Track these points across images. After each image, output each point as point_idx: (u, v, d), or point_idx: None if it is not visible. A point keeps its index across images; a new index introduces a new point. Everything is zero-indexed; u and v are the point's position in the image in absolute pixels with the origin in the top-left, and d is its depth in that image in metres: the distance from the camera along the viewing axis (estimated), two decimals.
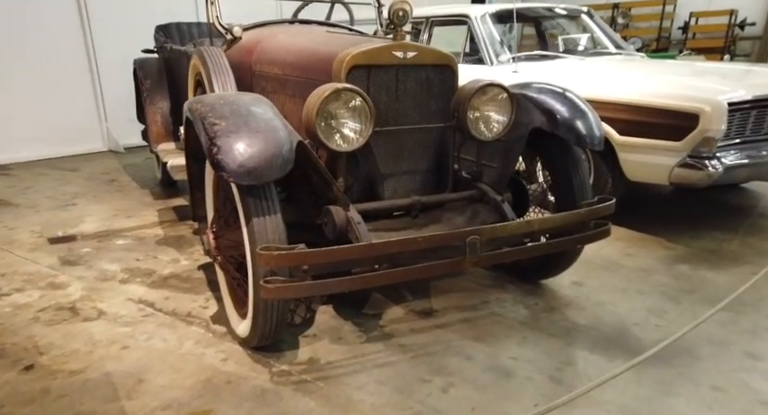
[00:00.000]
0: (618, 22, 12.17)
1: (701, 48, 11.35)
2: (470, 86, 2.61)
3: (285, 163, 2.09)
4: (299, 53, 2.91)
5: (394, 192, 2.73)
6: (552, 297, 3.03)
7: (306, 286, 2.06)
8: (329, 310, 2.85)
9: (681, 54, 9.99)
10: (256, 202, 2.12)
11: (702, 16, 11.92)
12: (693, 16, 11.98)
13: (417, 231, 2.62)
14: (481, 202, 2.79)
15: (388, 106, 2.62)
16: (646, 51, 10.92)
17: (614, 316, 2.82)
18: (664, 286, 3.13)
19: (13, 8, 5.98)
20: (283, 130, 2.16)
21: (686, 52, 10.24)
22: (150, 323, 2.70)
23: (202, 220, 2.89)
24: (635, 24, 12.76)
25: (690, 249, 3.66)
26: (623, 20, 12.01)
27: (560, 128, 2.70)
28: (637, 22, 12.74)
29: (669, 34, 12.61)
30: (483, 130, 2.69)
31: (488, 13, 5.02)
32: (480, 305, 2.93)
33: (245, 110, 2.17)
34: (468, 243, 2.26)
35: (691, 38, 12.21)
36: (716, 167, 3.35)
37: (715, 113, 3.28)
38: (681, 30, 12.31)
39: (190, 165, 2.80)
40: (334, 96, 2.30)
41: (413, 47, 2.59)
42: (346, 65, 2.47)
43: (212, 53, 3.12)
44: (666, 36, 12.62)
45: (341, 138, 2.37)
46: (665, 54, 10.49)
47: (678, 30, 12.43)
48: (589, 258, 3.51)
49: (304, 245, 2.06)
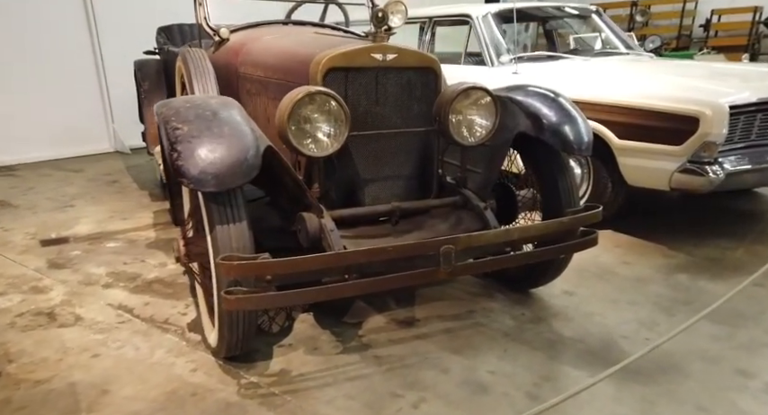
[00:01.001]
0: (636, 20, 11.93)
1: (723, 47, 11.06)
2: (452, 89, 2.53)
3: (250, 168, 2.03)
4: (280, 55, 2.85)
5: (375, 198, 2.66)
6: (540, 307, 2.93)
7: (268, 298, 1.99)
8: (309, 318, 2.79)
9: (700, 53, 9.73)
10: (220, 209, 2.06)
11: (725, 13, 11.63)
12: (715, 13, 11.69)
13: (397, 238, 2.54)
14: (465, 209, 2.71)
15: (368, 110, 2.55)
16: (665, 50, 10.72)
17: (602, 328, 2.72)
18: (658, 297, 3.02)
19: (20, 9, 6.02)
20: (250, 135, 2.09)
21: (705, 51, 9.98)
22: (125, 330, 2.66)
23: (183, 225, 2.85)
24: (654, 22, 12.49)
25: (691, 257, 3.53)
26: (642, 18, 11.77)
27: (545, 133, 2.60)
28: (656, 20, 12.47)
29: (690, 32, 12.32)
30: (465, 135, 2.60)
31: (491, 12, 4.91)
32: (465, 315, 2.85)
33: (210, 114, 2.11)
34: (441, 253, 2.18)
35: (712, 36, 11.92)
36: (717, 173, 3.22)
37: (716, 116, 3.15)
38: (702, 27, 12.03)
39: (168, 169, 2.76)
40: (307, 99, 2.23)
41: (393, 49, 2.51)
42: (322, 67, 2.40)
43: (194, 55, 3.08)
44: (687, 34, 12.33)
45: (314, 143, 2.31)
46: (684, 53, 10.24)
47: (699, 28, 12.15)
48: (584, 265, 3.40)
49: (268, 254, 2.00)
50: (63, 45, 6.31)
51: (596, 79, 3.98)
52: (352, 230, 2.51)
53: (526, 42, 10.08)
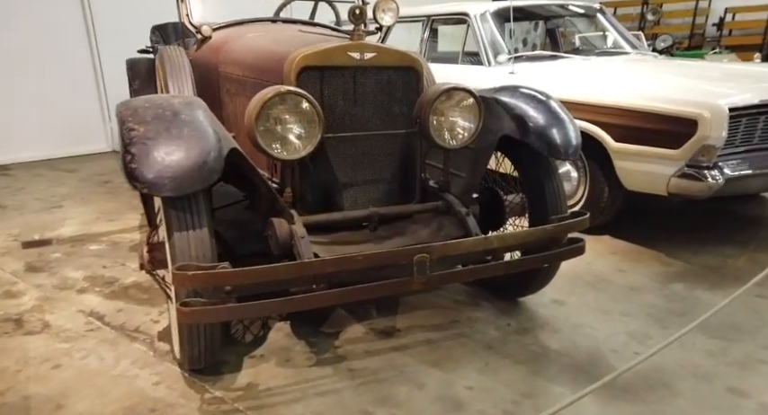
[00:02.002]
0: (647, 19, 11.71)
1: (738, 46, 10.82)
2: (434, 90, 2.41)
3: (210, 172, 1.91)
4: (257, 53, 2.75)
5: (354, 203, 2.56)
6: (527, 317, 2.80)
7: (227, 310, 1.89)
8: (285, 327, 2.69)
9: (712, 52, 9.52)
10: (179, 215, 1.96)
11: (739, 12, 11.38)
12: (729, 12, 11.45)
13: (375, 245, 2.44)
14: (448, 214, 2.59)
15: (346, 111, 2.44)
16: (677, 49, 10.51)
17: (591, 341, 2.59)
18: (652, 308, 2.88)
19: (17, 8, 5.97)
20: (212, 136, 1.97)
21: (717, 50, 9.76)
22: (92, 339, 2.57)
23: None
24: (666, 21, 12.26)
25: (689, 265, 3.38)
26: (653, 16, 11.53)
27: (531, 136, 2.48)
28: (668, 19, 12.23)
29: (703, 31, 12.08)
30: (447, 137, 2.49)
31: (489, 10, 4.78)
32: (448, 325, 2.73)
33: (170, 114, 1.99)
34: (415, 262, 2.08)
35: (726, 35, 11.68)
36: (716, 178, 3.07)
37: (715, 119, 3.00)
38: (715, 26, 11.79)
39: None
40: (277, 99, 2.13)
41: (371, 47, 2.40)
42: (296, 66, 2.30)
43: (171, 53, 2.98)
44: (700, 33, 12.09)
45: (284, 145, 2.20)
46: (695, 52, 10.03)
47: (713, 27, 11.91)
48: (577, 273, 3.27)
49: (228, 264, 1.90)
50: (60, 44, 6.25)
51: (593, 79, 3.84)
52: (329, 236, 2.41)
53: (535, 41, 9.93)
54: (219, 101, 3.14)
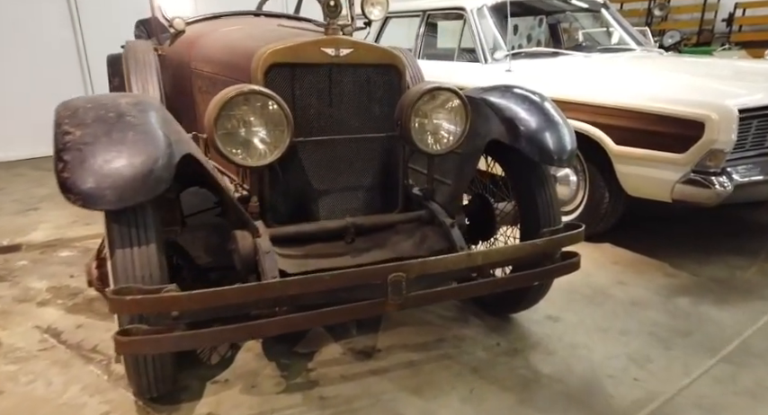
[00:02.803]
0: (655, 15, 11.44)
1: (748, 42, 10.54)
2: (416, 90, 2.20)
3: (157, 181, 1.69)
4: (226, 49, 2.55)
5: (331, 212, 2.36)
6: (519, 336, 2.59)
7: (170, 340, 1.67)
8: (256, 346, 2.48)
9: (721, 48, 9.25)
10: (122, 230, 1.74)
11: (750, 7, 11.08)
12: (739, 7, 11.15)
13: (352, 258, 2.23)
14: (432, 225, 2.39)
15: (320, 112, 2.23)
16: (685, 46, 10.24)
17: (587, 364, 2.37)
18: (654, 326, 2.66)
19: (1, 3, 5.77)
20: (161, 140, 1.74)
21: (727, 47, 9.49)
22: (44, 360, 2.37)
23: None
24: (674, 16, 11.98)
25: (695, 277, 3.16)
26: (661, 12, 11.25)
27: (521, 141, 2.26)
28: (676, 14, 11.95)
29: (712, 27, 11.79)
30: (430, 142, 2.28)
31: (486, 5, 4.55)
32: (432, 345, 2.52)
33: (114, 116, 1.77)
34: (389, 282, 1.87)
35: (736, 31, 11.39)
36: (724, 185, 2.85)
37: (723, 121, 2.77)
38: (725, 22, 11.50)
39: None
40: (240, 100, 1.92)
41: (348, 43, 2.18)
42: (263, 63, 2.08)
43: (137, 48, 2.77)
44: (709, 29, 11.80)
45: (248, 150, 1.99)
46: (703, 49, 9.77)
47: (722, 23, 11.62)
48: (575, 286, 3.06)
49: (175, 286, 1.69)
50: (45, 39, 6.05)
51: (594, 78, 3.61)
52: (302, 248, 2.21)
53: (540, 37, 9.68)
54: (192, 99, 2.94)
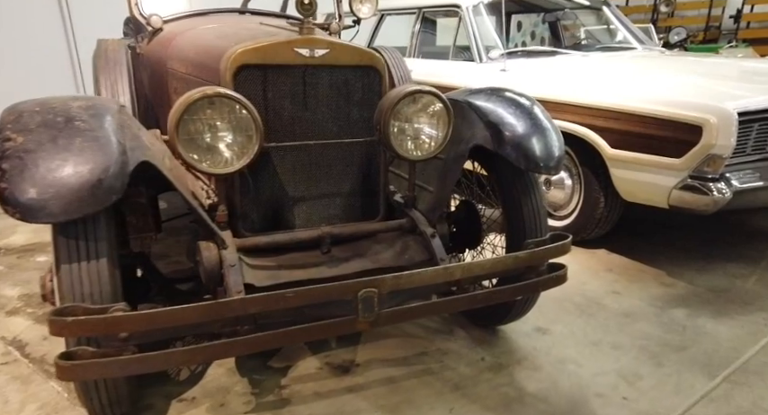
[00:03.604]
0: (661, 11, 11.26)
1: (756, 40, 10.35)
2: (396, 92, 2.08)
3: (108, 192, 1.58)
4: (199, 48, 2.44)
5: (307, 221, 2.25)
6: (505, 350, 2.48)
7: (118, 364, 1.56)
8: (229, 360, 2.38)
9: (727, 46, 9.07)
10: (69, 244, 1.63)
11: (758, 3, 10.88)
12: (748, 3, 10.96)
13: (329, 268, 2.13)
14: (414, 234, 2.28)
15: (295, 116, 2.12)
16: (691, 43, 10.07)
17: (574, 381, 2.26)
18: (647, 340, 2.55)
19: None
20: (114, 147, 1.64)
21: (733, 44, 9.31)
22: (4, 375, 2.27)
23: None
24: (681, 13, 11.79)
25: (693, 287, 3.04)
26: (667, 8, 11.06)
27: (506, 147, 2.16)
28: (682, 11, 11.76)
29: (719, 24, 11.60)
30: (410, 147, 2.16)
31: (483, 2, 4.43)
32: (414, 359, 2.42)
33: (62, 120, 1.66)
34: (360, 299, 1.77)
35: (744, 27, 11.20)
36: (723, 192, 2.72)
37: (722, 125, 2.65)
38: (732, 18, 11.31)
39: None
40: (204, 103, 1.80)
41: (323, 43, 2.06)
42: (232, 64, 1.97)
43: (107, 46, 2.66)
44: (716, 25, 11.61)
45: (213, 157, 1.88)
46: (709, 46, 9.59)
47: (730, 19, 11.43)
48: (567, 295, 2.94)
49: (124, 305, 1.59)
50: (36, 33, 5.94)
51: (589, 78, 3.48)
52: (276, 258, 2.10)
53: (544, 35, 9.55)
54: (168, 100, 2.84)
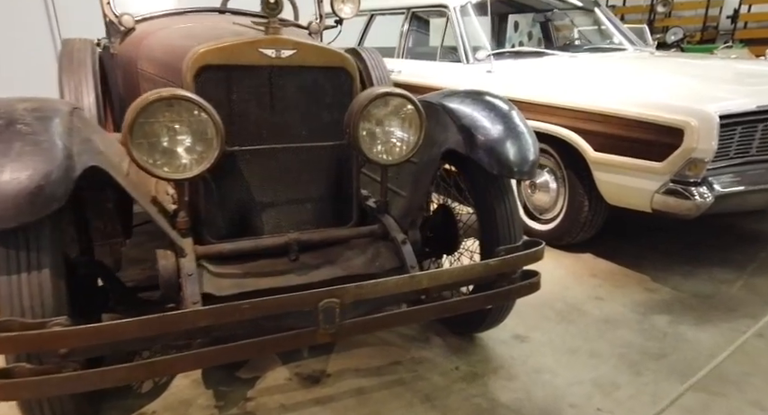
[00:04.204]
0: (658, 11, 11.21)
1: (754, 40, 10.29)
2: (365, 95, 2.02)
3: (48, 199, 1.51)
4: (166, 48, 2.39)
5: (276, 226, 2.19)
6: (480, 359, 2.43)
7: (55, 383, 1.48)
8: (196, 371, 2.31)
9: (722, 46, 9.01)
10: (9, 254, 1.56)
11: (756, 3, 10.84)
12: (745, 3, 10.92)
13: (297, 276, 2.07)
14: (386, 240, 2.23)
15: (262, 119, 2.05)
16: (688, 43, 10.01)
17: (549, 391, 2.21)
18: (627, 347, 2.49)
19: None
20: (58, 152, 1.58)
21: (729, 44, 9.25)
22: None
23: None
24: (678, 13, 11.74)
25: (677, 292, 2.98)
26: (664, 8, 11.02)
27: (478, 151, 2.10)
28: (680, 11, 11.71)
29: (717, 24, 11.55)
30: (380, 151, 2.10)
31: (471, 2, 4.37)
32: (387, 368, 2.36)
33: (3, 123, 1.59)
34: (320, 310, 1.71)
35: (741, 27, 11.15)
36: (704, 196, 2.66)
37: (703, 128, 2.59)
38: (730, 18, 11.26)
39: None
40: (160, 105, 1.74)
41: (290, 43, 1.99)
42: (193, 64, 1.90)
43: (73, 46, 2.60)
44: (714, 25, 11.57)
45: (170, 161, 1.82)
46: (704, 47, 9.54)
47: (727, 19, 11.38)
48: (548, 300, 2.89)
49: (65, 318, 1.53)
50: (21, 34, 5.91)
51: (574, 80, 3.42)
52: (242, 266, 2.05)
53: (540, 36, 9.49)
54: None
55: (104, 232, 2.12)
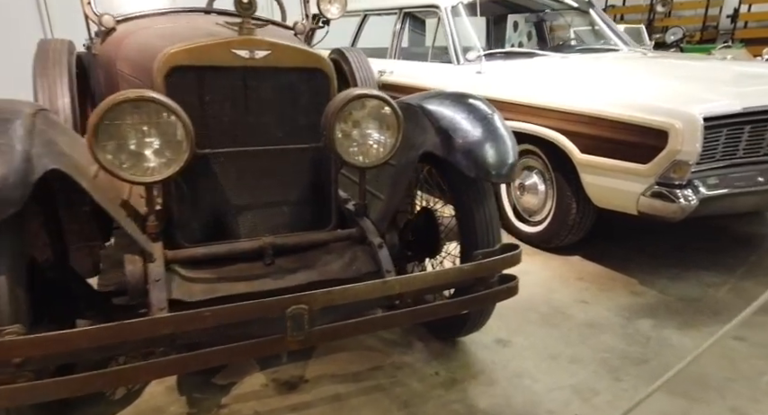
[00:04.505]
0: (657, 11, 11.15)
1: (754, 39, 10.22)
2: (342, 96, 1.99)
3: (3, 204, 1.48)
4: (141, 48, 2.37)
5: (253, 230, 2.17)
6: (461, 364, 2.40)
7: (5, 393, 1.44)
8: (171, 377, 2.29)
9: (721, 45, 8.95)
10: None
11: (756, 2, 10.78)
12: (745, 2, 10.86)
13: (274, 280, 2.04)
14: (364, 244, 2.20)
15: (237, 121, 2.02)
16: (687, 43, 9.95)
17: (527, 397, 2.18)
18: (608, 352, 2.46)
19: None
20: (16, 155, 1.54)
21: (727, 44, 9.19)
22: None
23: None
24: (678, 12, 11.68)
25: (663, 296, 2.94)
26: (663, 8, 10.95)
27: (456, 154, 2.07)
28: (679, 11, 11.65)
29: (717, 23, 11.49)
30: (355, 152, 2.07)
31: (462, 2, 4.34)
32: (366, 374, 2.34)
33: None
34: (288, 316, 1.69)
35: (741, 27, 11.09)
36: (689, 199, 2.63)
37: (687, 130, 2.56)
38: (729, 18, 11.20)
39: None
40: (128, 106, 1.70)
41: (264, 44, 1.95)
42: (164, 65, 1.86)
43: (47, 47, 2.58)
44: (714, 25, 11.50)
45: (137, 164, 1.79)
46: (703, 46, 9.48)
47: (727, 19, 11.32)
48: (533, 304, 2.86)
49: (19, 326, 1.50)
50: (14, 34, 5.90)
51: (562, 81, 3.39)
52: (217, 270, 2.02)
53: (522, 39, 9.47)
54: None
55: (81, 235, 2.09)
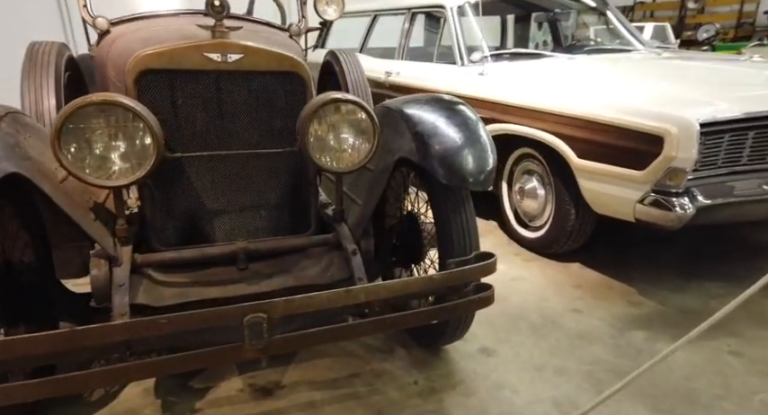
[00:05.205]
0: (689, 7, 10.86)
1: None
2: (316, 101, 1.96)
3: None
4: (122, 51, 2.37)
5: (229, 234, 2.17)
6: (442, 373, 2.35)
7: None
8: (148, 380, 2.29)
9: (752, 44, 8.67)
10: None
11: None
12: None
13: (248, 285, 2.04)
14: (340, 250, 2.18)
15: (210, 124, 2.02)
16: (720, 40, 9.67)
17: (505, 409, 2.12)
18: (596, 365, 2.38)
19: None
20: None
21: (759, 42, 8.90)
22: None
23: None
24: (711, 9, 11.36)
25: (662, 307, 2.84)
26: (695, 4, 10.69)
27: (432, 161, 2.03)
28: (713, 7, 11.33)
29: (753, 20, 11.15)
30: (329, 159, 2.04)
31: (469, 2, 4.28)
32: (343, 381, 2.31)
33: None
34: (246, 325, 1.66)
35: None
36: (685, 207, 2.53)
37: (683, 136, 2.46)
38: (767, 14, 10.86)
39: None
40: (93, 109, 1.69)
41: (237, 47, 1.94)
42: (133, 69, 1.87)
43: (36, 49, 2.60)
44: (750, 22, 11.17)
45: (102, 168, 1.78)
46: (733, 44, 9.19)
47: (764, 15, 10.97)
48: (525, 311, 2.80)
49: None
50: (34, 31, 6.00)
51: (563, 83, 3.30)
52: (190, 274, 2.02)
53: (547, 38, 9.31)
54: None
55: (68, 236, 2.10)
